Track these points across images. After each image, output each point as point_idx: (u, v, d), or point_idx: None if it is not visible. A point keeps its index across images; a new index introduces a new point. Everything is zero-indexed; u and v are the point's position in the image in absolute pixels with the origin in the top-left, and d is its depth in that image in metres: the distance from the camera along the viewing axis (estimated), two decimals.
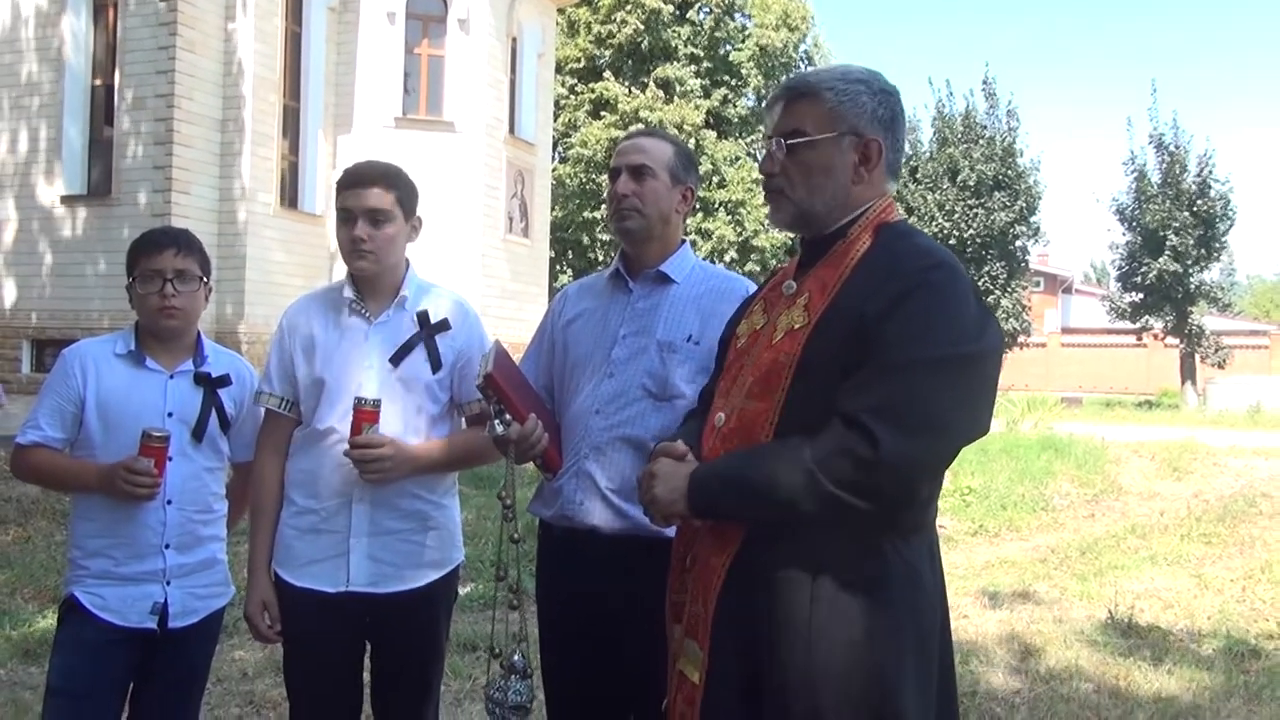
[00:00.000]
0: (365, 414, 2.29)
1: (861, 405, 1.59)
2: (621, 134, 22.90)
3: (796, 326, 1.75)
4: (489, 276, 14.99)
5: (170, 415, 2.47)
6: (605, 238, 23.82)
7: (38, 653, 4.48)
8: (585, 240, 24.33)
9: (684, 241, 2.47)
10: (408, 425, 2.41)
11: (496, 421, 2.18)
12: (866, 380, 1.62)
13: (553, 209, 19.44)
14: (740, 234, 24.19)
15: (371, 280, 2.44)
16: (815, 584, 1.66)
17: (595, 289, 2.51)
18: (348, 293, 2.45)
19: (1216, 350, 22.47)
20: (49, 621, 4.90)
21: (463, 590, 5.88)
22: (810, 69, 1.94)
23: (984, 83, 23.02)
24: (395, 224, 2.41)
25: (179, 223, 11.54)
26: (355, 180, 2.40)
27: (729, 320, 2.08)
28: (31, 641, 4.66)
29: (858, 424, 1.57)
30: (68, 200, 13.18)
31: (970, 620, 5.58)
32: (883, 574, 1.66)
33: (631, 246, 2.42)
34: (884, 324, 1.63)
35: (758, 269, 23.46)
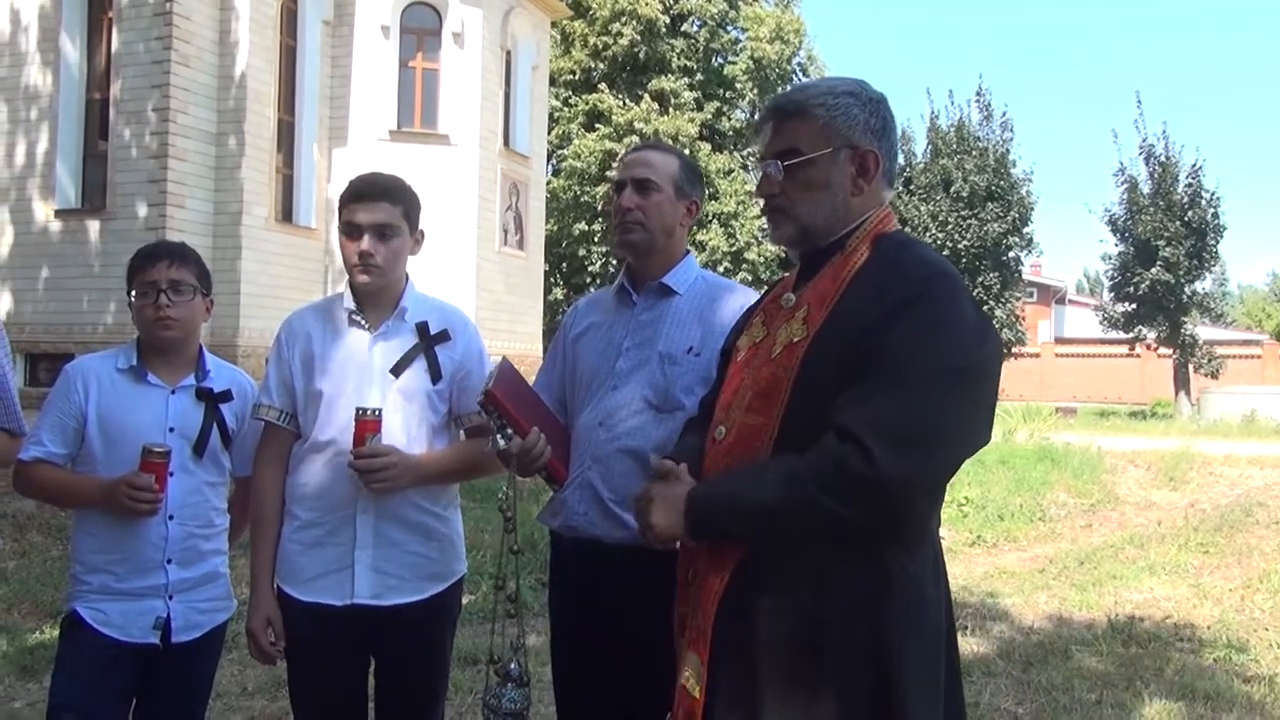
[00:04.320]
0: (368, 424, 2.29)
1: (857, 418, 1.57)
2: (615, 146, 23.06)
3: (795, 340, 1.74)
4: (484, 289, 14.99)
5: (171, 430, 2.47)
6: (601, 250, 23.83)
7: (36, 669, 4.45)
8: (580, 253, 24.33)
9: (687, 253, 2.49)
10: (409, 436, 2.40)
11: (498, 435, 2.20)
12: (864, 393, 1.59)
13: (547, 222, 19.46)
14: (733, 245, 24.25)
15: (374, 293, 2.44)
16: (816, 601, 1.64)
17: (603, 303, 2.54)
18: (348, 304, 2.45)
19: (1210, 360, 22.51)
20: (46, 637, 4.87)
21: (464, 601, 5.86)
22: (795, 86, 1.95)
23: (978, 94, 23.13)
24: (401, 238, 2.41)
25: (174, 236, 11.54)
26: (362, 194, 2.38)
27: (729, 333, 2.08)
28: (29, 657, 4.63)
29: (852, 437, 1.55)
30: (63, 214, 13.17)
31: (970, 632, 5.57)
32: (885, 589, 1.64)
33: (635, 259, 2.43)
34: (883, 336, 1.61)
35: (749, 279, 23.50)
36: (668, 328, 2.36)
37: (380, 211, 2.37)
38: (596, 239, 23.86)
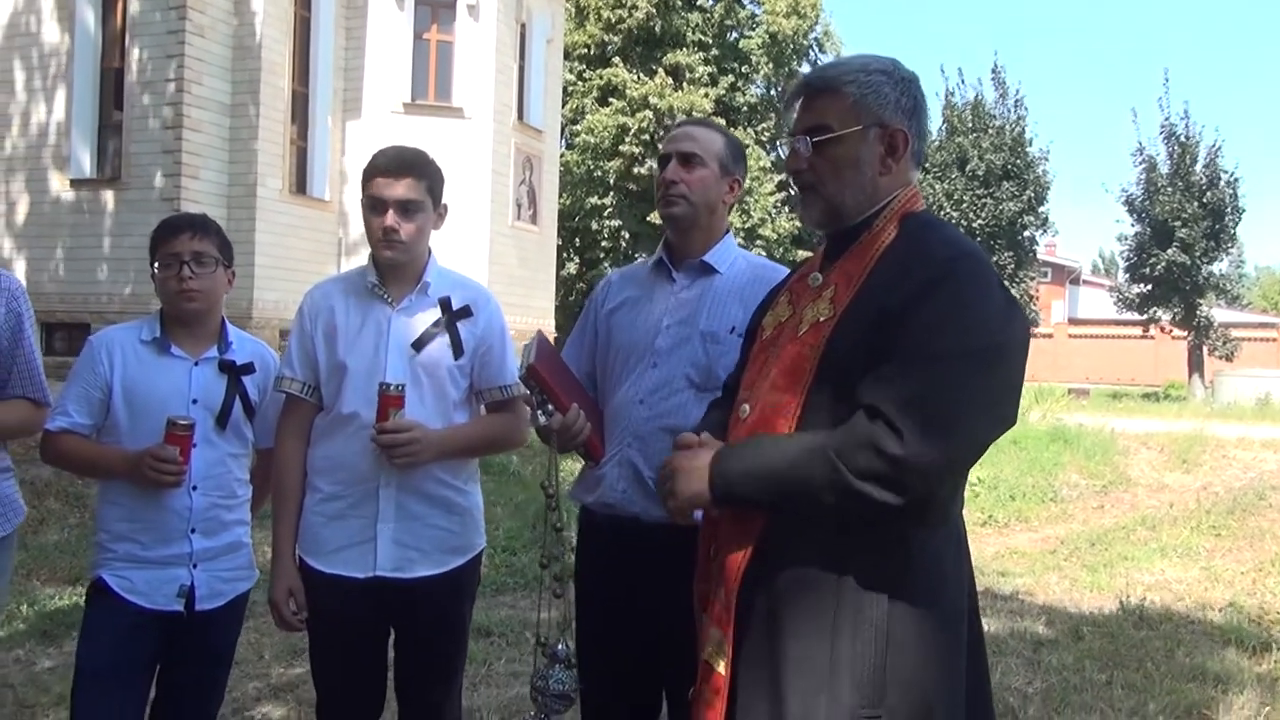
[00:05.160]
0: (391, 399, 2.30)
1: (886, 397, 1.56)
2: (629, 121, 22.94)
3: (822, 319, 1.73)
4: (496, 263, 14.98)
5: (195, 402, 2.49)
6: (613, 225, 23.76)
7: (56, 633, 4.52)
8: (593, 228, 24.25)
9: (728, 232, 2.47)
10: (431, 410, 2.41)
11: (539, 412, 2.20)
12: (892, 372, 1.59)
13: (560, 196, 19.40)
14: (746, 221, 24.14)
15: (397, 267, 2.44)
16: (837, 580, 1.64)
17: (638, 277, 2.51)
18: (371, 278, 2.45)
19: (1225, 342, 22.41)
20: (65, 602, 4.94)
21: None
22: (827, 63, 1.94)
23: (993, 71, 22.93)
24: (425, 213, 2.41)
25: (188, 207, 11.55)
26: (386, 169, 2.38)
27: (754, 312, 2.07)
28: (49, 622, 4.69)
29: (882, 416, 1.55)
30: (78, 184, 13.19)
31: (981, 612, 5.58)
32: (905, 569, 1.64)
33: (676, 234, 2.42)
34: (910, 316, 1.61)
35: (762, 255, 23.36)
36: (709, 306, 2.34)
37: (405, 187, 2.36)
38: (609, 213, 23.78)
